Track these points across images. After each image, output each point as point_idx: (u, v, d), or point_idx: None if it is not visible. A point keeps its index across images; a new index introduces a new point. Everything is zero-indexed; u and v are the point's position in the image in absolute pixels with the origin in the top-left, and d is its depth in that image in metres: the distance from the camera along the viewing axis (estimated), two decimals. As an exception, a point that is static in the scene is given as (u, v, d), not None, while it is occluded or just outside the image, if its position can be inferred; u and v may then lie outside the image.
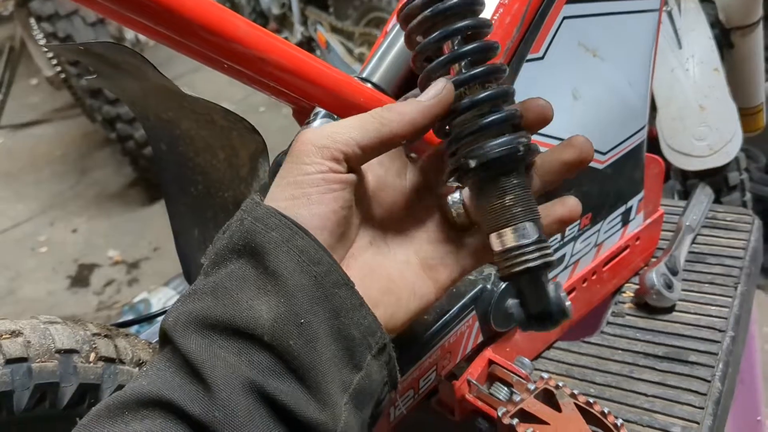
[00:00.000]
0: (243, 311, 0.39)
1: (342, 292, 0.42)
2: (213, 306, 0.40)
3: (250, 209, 0.43)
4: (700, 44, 1.31)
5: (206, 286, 0.41)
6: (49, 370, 0.56)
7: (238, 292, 0.40)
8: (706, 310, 0.92)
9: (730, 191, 1.35)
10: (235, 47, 0.54)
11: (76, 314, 2.54)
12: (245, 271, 0.41)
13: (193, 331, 0.39)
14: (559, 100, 0.77)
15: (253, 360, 0.39)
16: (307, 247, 0.41)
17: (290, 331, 0.39)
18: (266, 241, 0.41)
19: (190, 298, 0.41)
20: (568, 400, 0.71)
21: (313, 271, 0.41)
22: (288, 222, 0.41)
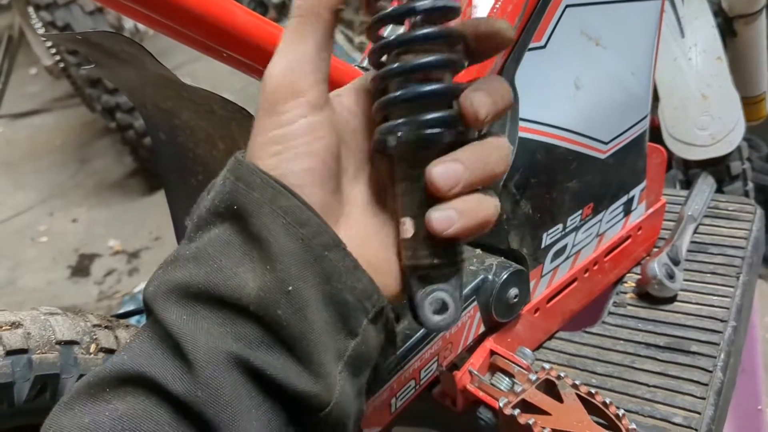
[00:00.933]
0: (227, 279, 0.37)
1: (333, 255, 0.39)
2: (195, 274, 0.37)
3: (233, 168, 0.40)
4: (703, 33, 1.30)
5: (188, 252, 0.38)
6: (50, 361, 0.55)
7: (222, 259, 0.37)
8: (707, 300, 0.91)
9: (732, 181, 1.34)
10: (234, 36, 0.54)
11: (76, 304, 2.54)
12: (229, 236, 0.38)
13: (174, 301, 0.37)
14: (561, 90, 0.77)
15: (238, 331, 0.36)
16: (293, 207, 0.38)
17: (277, 300, 0.37)
18: (248, 202, 0.38)
19: (172, 265, 0.39)
20: (570, 391, 0.71)
21: (300, 233, 0.38)
22: (271, 180, 0.38)
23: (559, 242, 0.82)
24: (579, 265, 0.87)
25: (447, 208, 0.40)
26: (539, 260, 0.81)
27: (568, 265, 0.85)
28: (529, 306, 0.81)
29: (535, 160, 0.75)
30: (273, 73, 0.40)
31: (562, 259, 0.84)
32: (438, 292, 0.43)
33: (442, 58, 0.41)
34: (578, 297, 0.89)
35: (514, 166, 0.73)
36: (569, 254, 0.85)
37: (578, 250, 0.86)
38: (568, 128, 0.78)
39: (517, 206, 0.75)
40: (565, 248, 0.84)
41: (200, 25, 0.52)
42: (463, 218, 0.40)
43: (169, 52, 3.82)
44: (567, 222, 0.82)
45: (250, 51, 0.56)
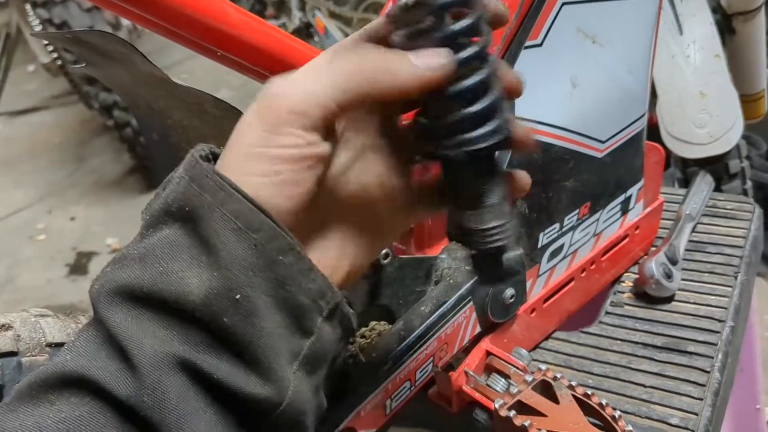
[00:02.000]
0: (172, 285, 0.36)
1: (288, 259, 0.38)
2: (140, 275, 0.36)
3: (189, 167, 0.38)
4: (701, 30, 1.29)
5: (136, 251, 0.37)
6: (40, 364, 0.55)
7: (169, 262, 0.36)
8: (705, 299, 0.91)
9: (731, 179, 1.34)
10: (227, 35, 0.53)
11: (74, 302, 2.54)
12: (178, 238, 0.37)
13: (118, 302, 0.36)
14: (558, 88, 0.76)
15: (184, 335, 0.36)
16: (245, 211, 0.37)
17: (224, 308, 0.36)
18: (200, 205, 0.36)
19: (118, 264, 0.37)
20: (566, 392, 0.71)
21: (252, 238, 0.36)
22: (224, 183, 0.37)
23: (556, 242, 0.82)
24: (576, 264, 0.87)
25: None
26: (536, 260, 0.80)
27: (564, 264, 0.85)
28: (525, 306, 0.81)
29: (531, 159, 0.75)
30: (282, 87, 0.39)
31: (559, 259, 0.83)
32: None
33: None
34: (575, 297, 0.89)
35: (510, 165, 0.72)
36: (566, 254, 0.84)
37: (575, 250, 0.85)
38: (564, 127, 0.77)
39: (513, 206, 0.75)
40: (562, 248, 0.83)
41: (193, 24, 0.51)
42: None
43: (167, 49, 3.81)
44: (564, 221, 0.81)
45: (243, 50, 0.56)
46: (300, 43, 0.58)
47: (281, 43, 0.55)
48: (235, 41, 0.54)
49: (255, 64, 0.56)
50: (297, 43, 0.58)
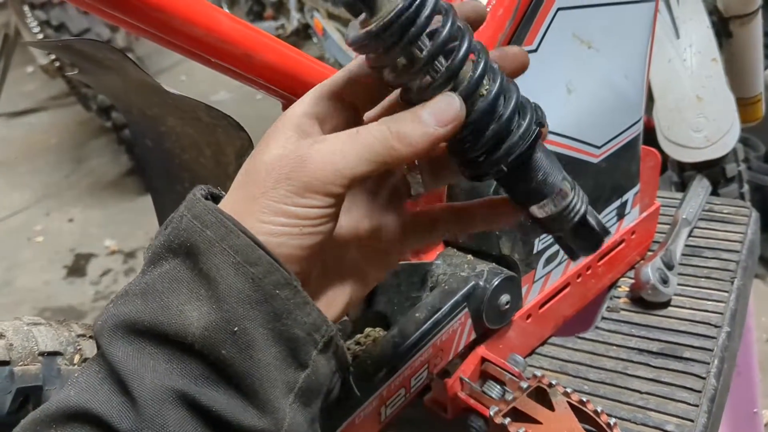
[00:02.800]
0: (172, 317, 0.37)
1: (284, 293, 0.39)
2: (142, 310, 0.38)
3: (191, 205, 0.40)
4: (698, 34, 1.29)
5: (138, 286, 0.39)
6: (32, 373, 0.55)
7: (169, 296, 0.38)
8: (701, 305, 0.91)
9: (728, 183, 1.33)
10: (219, 44, 0.53)
11: (72, 304, 2.54)
12: (179, 273, 0.39)
13: (120, 336, 0.38)
14: (553, 94, 0.76)
15: (183, 368, 0.37)
16: (243, 246, 0.38)
17: (222, 340, 0.37)
18: (201, 240, 0.38)
19: (121, 300, 0.39)
20: (561, 399, 0.71)
21: (250, 272, 0.38)
22: (224, 219, 0.38)
23: (552, 247, 0.81)
24: (572, 270, 0.87)
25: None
26: (531, 265, 0.80)
27: (560, 270, 0.85)
28: (521, 312, 0.81)
29: (526, 165, 0.74)
30: (322, 165, 0.40)
31: (555, 264, 0.83)
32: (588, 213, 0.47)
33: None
34: (571, 302, 0.88)
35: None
36: (562, 259, 0.84)
37: (571, 255, 0.85)
38: (559, 133, 0.77)
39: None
40: (558, 253, 0.83)
41: (183, 32, 0.51)
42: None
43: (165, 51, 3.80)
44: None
45: (235, 58, 0.55)
46: (293, 50, 0.58)
47: (273, 50, 0.55)
48: (227, 49, 0.53)
49: (247, 72, 0.56)
50: (290, 50, 0.58)
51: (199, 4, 0.50)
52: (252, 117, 0.54)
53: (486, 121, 0.42)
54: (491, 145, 0.43)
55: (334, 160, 0.40)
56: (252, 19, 3.82)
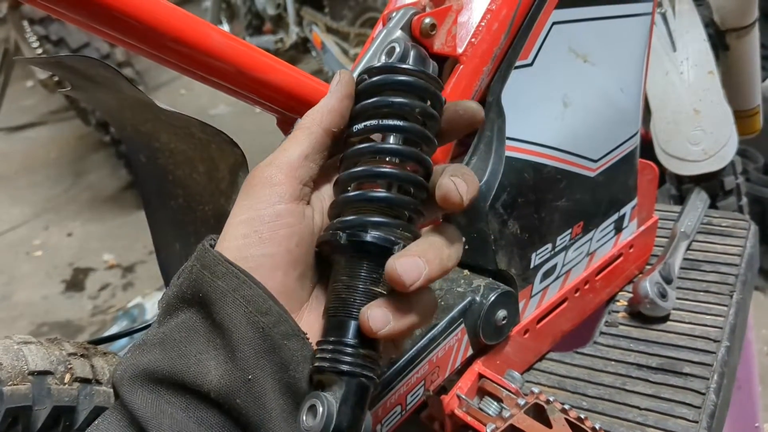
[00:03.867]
0: (191, 366, 0.38)
1: (292, 344, 0.40)
2: (161, 359, 0.39)
3: (201, 255, 0.42)
4: (694, 47, 1.29)
5: (156, 337, 0.40)
6: (22, 393, 0.54)
7: (187, 345, 0.39)
8: (700, 319, 0.90)
9: (726, 196, 1.33)
10: (210, 60, 0.53)
11: (70, 319, 2.53)
12: (194, 323, 0.40)
13: (140, 385, 0.39)
14: (549, 108, 0.76)
15: (200, 416, 0.38)
16: (255, 296, 0.39)
17: (237, 388, 0.38)
18: (212, 291, 0.39)
19: (140, 350, 0.40)
20: (559, 416, 0.70)
21: (261, 322, 0.39)
22: (235, 270, 0.40)
23: (549, 262, 0.81)
24: (569, 284, 0.86)
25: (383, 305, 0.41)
26: (528, 280, 0.79)
27: (558, 285, 0.84)
28: (518, 327, 0.80)
29: (522, 179, 0.74)
30: (259, 167, 0.44)
31: (552, 279, 0.83)
32: (314, 398, 0.41)
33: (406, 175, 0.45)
34: (569, 317, 0.88)
35: (501, 186, 0.72)
36: (559, 274, 0.83)
37: (568, 270, 0.85)
38: (556, 147, 0.77)
39: (505, 226, 0.74)
40: (555, 268, 0.82)
41: (174, 48, 0.51)
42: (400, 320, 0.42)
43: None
44: (556, 241, 0.81)
45: (227, 75, 0.55)
46: (286, 65, 0.58)
47: (266, 66, 0.54)
48: (218, 66, 0.53)
49: (239, 88, 0.55)
50: (283, 66, 0.57)
51: (190, 21, 0.50)
52: (251, 131, 0.53)
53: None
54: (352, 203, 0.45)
55: (272, 159, 0.45)
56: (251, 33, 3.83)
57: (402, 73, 0.46)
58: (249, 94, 0.58)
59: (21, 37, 3.12)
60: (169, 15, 0.49)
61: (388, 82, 0.47)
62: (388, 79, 0.47)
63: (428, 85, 0.47)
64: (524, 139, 0.73)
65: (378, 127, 0.46)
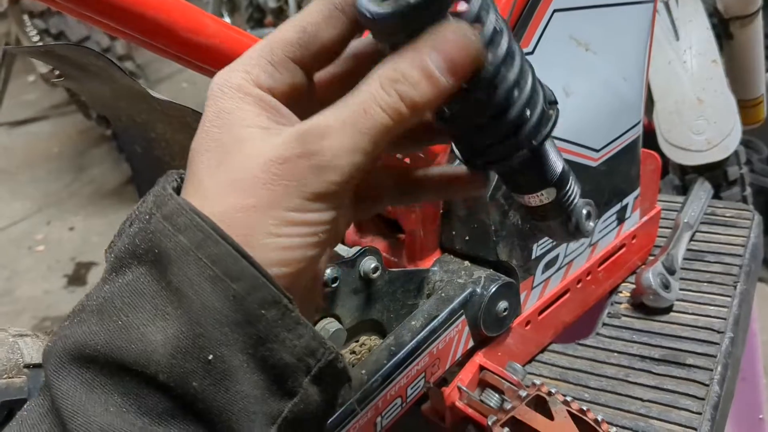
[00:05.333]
0: (132, 342, 0.30)
1: (271, 314, 0.32)
2: (97, 331, 0.31)
3: (161, 201, 0.33)
4: (698, 35, 1.28)
5: (95, 302, 0.32)
6: (17, 386, 0.54)
7: (130, 313, 0.31)
8: (704, 310, 0.89)
9: (730, 186, 1.32)
10: (206, 48, 0.52)
11: (72, 313, 2.53)
12: (143, 285, 0.32)
13: (68, 363, 0.31)
14: (550, 97, 0.75)
15: (143, 404, 0.31)
16: (224, 255, 0.31)
17: (193, 370, 0.31)
18: (172, 246, 0.31)
19: (75, 318, 0.33)
20: (561, 407, 0.69)
21: (231, 288, 0.31)
22: (200, 222, 0.32)
23: (550, 253, 0.80)
24: (571, 275, 0.85)
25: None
26: (530, 272, 0.79)
27: (560, 276, 0.83)
28: (519, 319, 0.79)
29: (523, 169, 0.73)
30: (339, 162, 0.34)
31: (554, 270, 0.82)
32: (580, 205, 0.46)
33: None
34: (571, 308, 0.87)
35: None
36: (561, 265, 0.83)
37: (570, 261, 0.84)
38: (557, 136, 0.76)
39: (506, 217, 0.73)
40: (557, 259, 0.81)
41: (169, 36, 0.50)
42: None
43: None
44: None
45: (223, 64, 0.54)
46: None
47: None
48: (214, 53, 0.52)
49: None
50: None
51: (181, 6, 0.49)
52: None
53: (508, 94, 0.36)
54: (514, 126, 0.37)
55: (353, 161, 0.33)
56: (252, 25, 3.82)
57: None
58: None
59: (21, 30, 3.11)
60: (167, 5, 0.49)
61: None
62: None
63: None
64: (525, 129, 0.72)
65: None
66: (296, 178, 0.33)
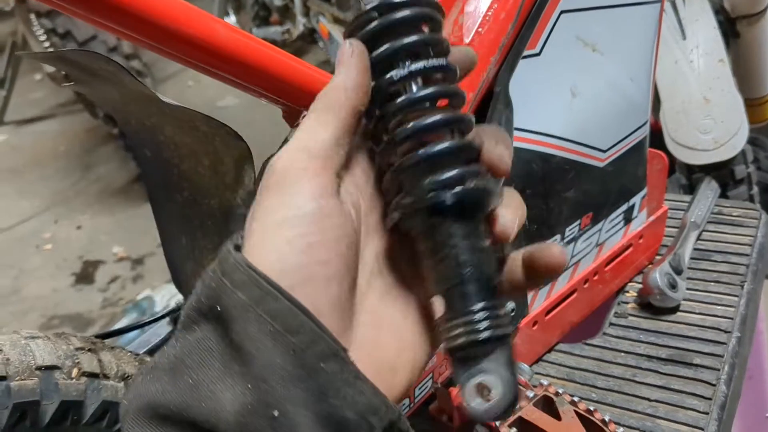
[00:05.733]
0: (202, 400, 0.32)
1: (330, 366, 0.32)
2: (169, 390, 0.32)
3: (222, 259, 0.34)
4: (704, 35, 1.28)
5: (167, 360, 0.34)
6: (29, 388, 0.54)
7: (200, 372, 0.32)
8: (711, 310, 0.89)
9: (737, 185, 1.32)
10: (215, 52, 0.52)
11: (80, 312, 2.54)
12: (210, 342, 0.33)
13: (145, 421, 0.32)
14: (558, 98, 0.75)
15: None
16: (283, 311, 0.32)
17: (260, 427, 0.31)
18: (232, 304, 0.32)
19: (149, 376, 0.34)
20: (568, 408, 0.69)
21: (291, 343, 0.32)
22: (257, 278, 0.32)
23: (558, 253, 0.80)
24: (578, 275, 0.85)
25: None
26: (537, 272, 0.79)
27: (567, 276, 0.84)
28: (527, 319, 0.79)
29: (530, 170, 0.73)
30: (285, 155, 0.37)
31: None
32: (480, 375, 0.37)
33: (467, 116, 0.39)
34: (578, 308, 0.87)
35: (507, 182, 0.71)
36: (568, 265, 0.83)
37: (577, 261, 0.84)
38: (564, 137, 0.76)
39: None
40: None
41: (177, 41, 0.50)
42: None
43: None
44: (565, 232, 0.80)
45: (232, 67, 0.54)
46: (291, 57, 0.57)
47: (269, 58, 0.54)
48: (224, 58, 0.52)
49: (245, 81, 0.55)
50: (288, 58, 0.57)
51: (190, 11, 0.49)
52: (259, 122, 0.51)
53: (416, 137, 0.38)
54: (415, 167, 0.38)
55: (295, 145, 0.37)
56: (258, 24, 3.82)
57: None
58: (254, 86, 0.57)
59: (28, 30, 3.12)
60: (173, 8, 0.49)
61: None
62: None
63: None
64: (532, 130, 0.73)
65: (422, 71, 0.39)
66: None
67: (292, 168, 0.36)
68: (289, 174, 0.36)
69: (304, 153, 0.36)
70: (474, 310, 0.36)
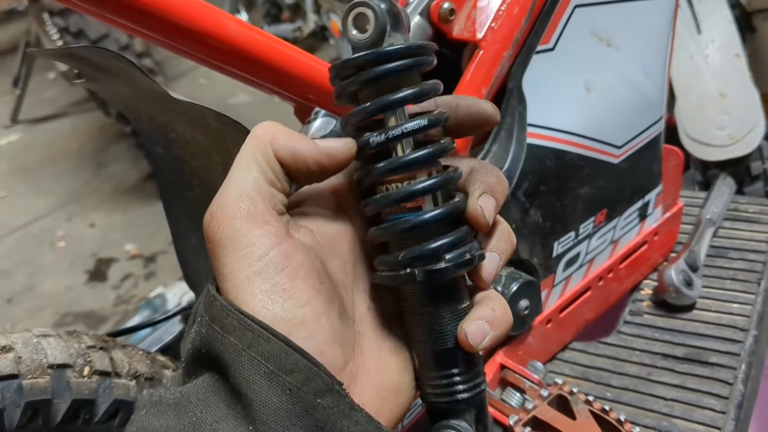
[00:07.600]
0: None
1: (326, 401, 0.33)
2: (173, 426, 0.33)
3: (207, 305, 0.35)
4: (720, 29, 1.26)
5: (173, 396, 0.34)
6: (41, 386, 0.54)
7: (203, 411, 0.33)
8: (727, 308, 0.88)
9: (753, 181, 1.30)
10: (227, 50, 0.52)
11: (94, 309, 2.55)
12: (213, 383, 0.34)
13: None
14: (571, 93, 0.74)
15: None
16: (276, 351, 0.33)
17: None
18: (225, 349, 0.33)
19: (153, 410, 0.34)
20: (583, 407, 0.69)
21: (286, 382, 0.33)
22: (248, 321, 0.33)
23: (572, 250, 0.79)
24: (593, 273, 0.84)
25: (476, 319, 0.37)
26: (551, 269, 0.78)
27: (581, 273, 0.83)
28: (540, 317, 0.79)
29: (544, 166, 0.73)
30: (226, 203, 0.36)
31: (575, 268, 0.81)
32: (448, 430, 0.38)
33: (447, 177, 0.38)
34: (592, 306, 0.86)
35: (522, 174, 0.71)
36: (582, 262, 0.82)
37: (592, 258, 0.83)
38: (578, 133, 0.75)
39: (527, 215, 0.73)
40: (578, 256, 0.81)
41: (188, 38, 0.50)
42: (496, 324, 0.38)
43: (183, 55, 3.81)
44: (579, 229, 0.79)
45: (243, 64, 0.54)
46: (303, 54, 0.57)
47: (281, 54, 0.53)
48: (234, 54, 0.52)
49: (254, 76, 0.55)
50: (300, 54, 0.56)
51: (202, 8, 0.49)
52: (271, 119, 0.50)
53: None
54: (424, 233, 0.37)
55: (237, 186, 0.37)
56: (269, 21, 3.82)
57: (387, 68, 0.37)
58: (265, 83, 0.57)
59: (41, 29, 3.14)
60: (185, 4, 0.48)
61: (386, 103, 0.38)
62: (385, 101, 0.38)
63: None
64: (546, 126, 0.72)
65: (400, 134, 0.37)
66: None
67: (236, 218, 0.35)
68: (235, 226, 0.35)
69: (246, 199, 0.36)
70: (443, 375, 0.38)
